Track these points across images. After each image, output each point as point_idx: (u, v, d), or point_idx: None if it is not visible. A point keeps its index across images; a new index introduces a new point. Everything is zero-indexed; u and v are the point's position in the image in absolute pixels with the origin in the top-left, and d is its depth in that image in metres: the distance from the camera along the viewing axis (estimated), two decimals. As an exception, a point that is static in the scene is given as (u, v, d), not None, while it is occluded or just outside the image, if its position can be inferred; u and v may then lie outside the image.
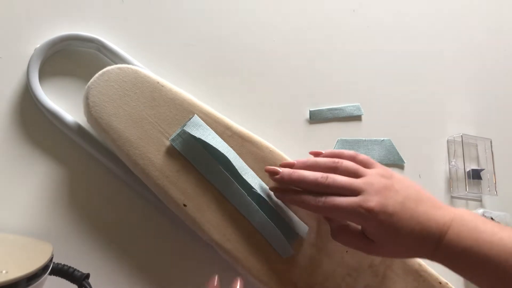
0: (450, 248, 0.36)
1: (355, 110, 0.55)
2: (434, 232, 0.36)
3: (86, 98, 0.39)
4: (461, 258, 0.36)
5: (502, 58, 0.68)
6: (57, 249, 0.35)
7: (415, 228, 0.36)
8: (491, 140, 0.61)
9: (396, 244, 0.37)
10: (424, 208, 0.37)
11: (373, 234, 0.37)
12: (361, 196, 0.36)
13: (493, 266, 0.35)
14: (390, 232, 0.36)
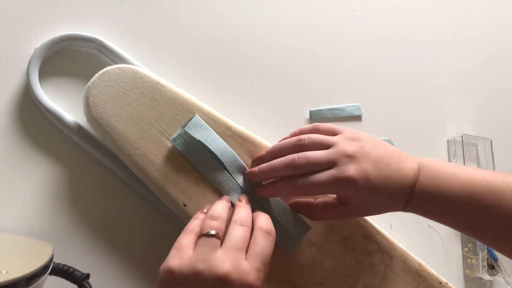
0: (421, 197, 0.37)
1: (355, 110, 0.55)
2: (405, 185, 0.37)
3: (86, 98, 0.39)
4: (433, 204, 0.37)
5: (502, 58, 0.68)
6: (57, 249, 0.35)
7: (389, 186, 0.37)
8: (491, 140, 0.61)
9: (371, 204, 0.38)
10: (395, 163, 0.38)
11: (352, 199, 0.38)
12: (337, 167, 0.37)
13: (462, 203, 0.36)
14: (369, 195, 0.37)
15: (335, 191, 0.38)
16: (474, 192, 0.36)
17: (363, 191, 0.37)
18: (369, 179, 0.36)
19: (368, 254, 0.44)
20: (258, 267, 0.32)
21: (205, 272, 0.30)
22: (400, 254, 0.44)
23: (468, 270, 0.54)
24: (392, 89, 0.59)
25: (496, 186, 0.36)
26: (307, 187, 0.37)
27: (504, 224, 0.35)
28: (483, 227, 0.37)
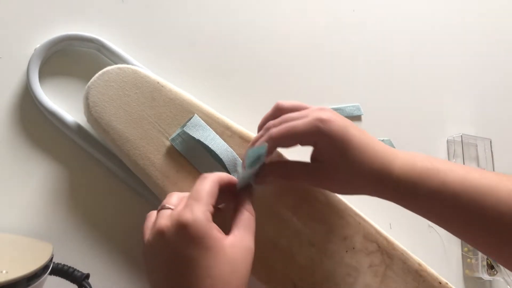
0: (401, 182, 0.35)
1: (355, 110, 0.55)
2: (392, 167, 0.35)
3: (86, 98, 0.39)
4: (412, 194, 0.35)
5: (502, 58, 0.68)
6: (57, 249, 0.35)
7: (369, 150, 0.35)
8: (491, 140, 0.61)
9: (343, 164, 0.35)
10: (373, 139, 0.37)
11: (324, 149, 0.36)
12: (311, 115, 0.36)
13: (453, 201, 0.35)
14: (342, 143, 0.35)
15: (310, 136, 0.35)
16: (461, 190, 0.34)
17: (340, 138, 0.35)
18: (346, 126, 0.35)
19: (368, 254, 0.44)
20: (189, 203, 0.31)
21: (152, 240, 0.31)
22: (400, 254, 0.44)
23: (467, 270, 0.54)
24: (392, 89, 0.59)
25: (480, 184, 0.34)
26: (282, 133, 0.36)
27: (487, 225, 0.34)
28: (467, 227, 0.35)
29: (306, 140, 0.36)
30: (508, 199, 0.32)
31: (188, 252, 0.30)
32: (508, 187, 0.33)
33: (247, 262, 0.33)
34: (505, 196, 0.32)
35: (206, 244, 0.30)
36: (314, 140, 0.36)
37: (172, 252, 0.30)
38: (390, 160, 0.36)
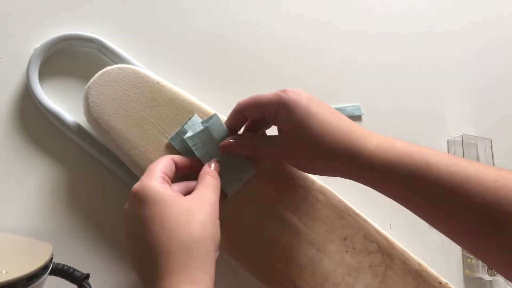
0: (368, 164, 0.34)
1: (355, 110, 0.55)
2: (365, 147, 0.34)
3: (86, 98, 0.39)
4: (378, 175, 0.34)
5: (502, 58, 0.68)
6: (57, 249, 0.35)
7: (333, 127, 0.34)
8: (491, 140, 0.61)
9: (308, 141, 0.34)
10: (349, 123, 0.36)
11: (285, 120, 0.35)
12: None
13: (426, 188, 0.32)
14: (303, 116, 0.34)
15: (270, 105, 0.35)
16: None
17: (297, 111, 0.34)
18: (309, 99, 0.35)
19: (368, 254, 0.44)
20: (141, 177, 0.34)
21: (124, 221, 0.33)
22: (400, 254, 0.44)
23: (468, 270, 0.54)
24: (392, 89, 0.59)
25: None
26: (247, 101, 0.37)
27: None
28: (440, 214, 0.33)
29: (268, 109, 0.36)
30: (494, 187, 0.30)
31: (142, 212, 0.31)
32: (496, 175, 0.31)
33: (207, 212, 0.32)
34: (491, 184, 0.30)
35: (156, 200, 0.31)
36: (275, 109, 0.36)
37: (131, 220, 0.32)
38: (362, 139, 0.35)
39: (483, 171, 0.31)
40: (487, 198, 0.30)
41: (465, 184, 0.30)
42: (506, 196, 0.29)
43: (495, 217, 0.29)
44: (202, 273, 0.30)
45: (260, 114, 0.37)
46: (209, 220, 0.32)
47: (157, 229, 0.30)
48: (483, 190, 0.30)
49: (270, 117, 0.36)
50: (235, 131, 0.40)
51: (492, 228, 0.30)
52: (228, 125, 0.40)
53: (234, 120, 0.39)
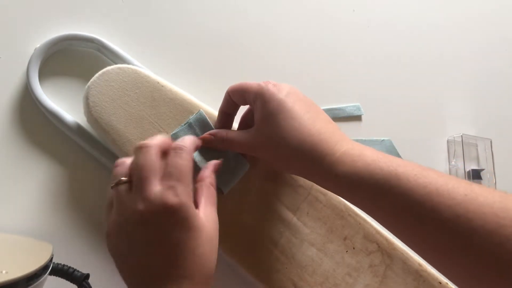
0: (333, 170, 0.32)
1: (355, 110, 0.55)
2: (332, 151, 0.33)
3: (86, 98, 0.39)
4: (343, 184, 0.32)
5: (502, 58, 0.68)
6: (57, 249, 0.35)
7: (303, 124, 0.33)
8: (491, 140, 0.61)
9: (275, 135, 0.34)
10: (325, 122, 0.35)
11: (258, 110, 0.34)
12: None
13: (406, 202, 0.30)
14: (275, 109, 0.33)
15: (251, 93, 0.36)
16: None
17: (270, 103, 0.34)
18: (288, 95, 0.34)
19: (368, 254, 0.44)
20: (172, 184, 0.29)
21: (124, 222, 0.30)
22: (400, 254, 0.44)
23: (468, 270, 0.54)
24: (392, 89, 0.59)
25: None
26: (235, 86, 0.38)
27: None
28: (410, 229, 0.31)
29: (249, 97, 0.36)
30: (464, 201, 0.28)
31: (175, 235, 0.29)
32: (466, 189, 0.29)
33: (217, 236, 0.32)
34: (461, 198, 0.28)
35: (191, 225, 0.30)
36: (254, 98, 0.35)
37: (156, 235, 0.29)
38: (331, 143, 0.33)
39: (453, 185, 0.29)
40: (456, 212, 0.28)
41: (434, 197, 0.29)
42: (475, 211, 0.28)
43: (463, 232, 0.28)
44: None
45: (243, 100, 0.37)
46: (217, 245, 0.32)
47: (187, 255, 0.29)
48: (452, 204, 0.28)
49: (251, 105, 0.37)
50: (228, 117, 0.40)
51: (461, 243, 0.28)
52: (221, 109, 0.40)
53: (225, 104, 0.39)
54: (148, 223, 0.29)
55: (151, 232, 0.29)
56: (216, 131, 0.39)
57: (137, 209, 0.29)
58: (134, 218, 0.29)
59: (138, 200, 0.29)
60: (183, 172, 0.30)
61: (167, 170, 0.30)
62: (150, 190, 0.29)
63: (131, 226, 0.29)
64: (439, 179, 0.30)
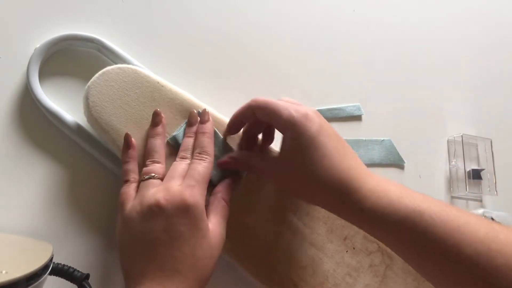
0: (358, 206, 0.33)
1: (355, 110, 0.55)
2: (360, 186, 0.34)
3: (86, 98, 0.39)
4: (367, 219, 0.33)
5: (502, 58, 0.68)
6: (57, 249, 0.35)
7: (334, 158, 0.34)
8: (491, 140, 0.61)
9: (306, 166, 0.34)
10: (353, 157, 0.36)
11: (290, 140, 0.35)
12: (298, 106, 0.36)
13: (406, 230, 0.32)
14: (308, 141, 0.34)
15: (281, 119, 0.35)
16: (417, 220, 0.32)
17: (303, 134, 0.34)
18: (321, 127, 0.34)
19: (368, 254, 0.44)
20: (191, 184, 0.34)
21: (143, 207, 0.33)
22: (400, 254, 0.44)
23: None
24: (392, 89, 0.59)
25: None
26: (261, 103, 0.36)
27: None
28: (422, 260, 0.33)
29: (279, 123, 0.36)
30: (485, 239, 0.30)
31: (182, 228, 0.32)
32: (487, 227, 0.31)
33: (220, 250, 0.35)
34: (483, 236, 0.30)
35: (197, 226, 0.33)
36: (284, 126, 0.35)
37: (167, 225, 0.32)
38: (359, 180, 0.34)
39: (474, 222, 0.31)
40: (478, 249, 0.29)
41: (456, 234, 0.30)
42: (497, 249, 0.29)
43: (485, 269, 0.29)
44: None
45: (269, 121, 0.37)
46: (217, 260, 0.34)
47: (186, 251, 0.32)
48: (474, 241, 0.30)
49: (278, 129, 0.37)
50: (239, 123, 0.40)
51: (482, 280, 0.29)
52: (236, 116, 0.40)
53: (244, 114, 0.39)
54: (161, 210, 0.32)
55: (161, 219, 0.32)
56: (238, 155, 0.39)
57: (156, 196, 0.33)
58: (151, 203, 0.33)
59: (161, 190, 0.34)
60: (202, 177, 0.35)
61: (189, 172, 0.35)
62: (174, 185, 0.34)
63: (146, 208, 0.33)
64: (461, 216, 0.32)
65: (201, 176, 0.35)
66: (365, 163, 0.37)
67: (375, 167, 0.54)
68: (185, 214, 0.32)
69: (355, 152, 0.37)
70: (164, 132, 0.39)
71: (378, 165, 0.54)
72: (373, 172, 0.36)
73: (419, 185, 0.57)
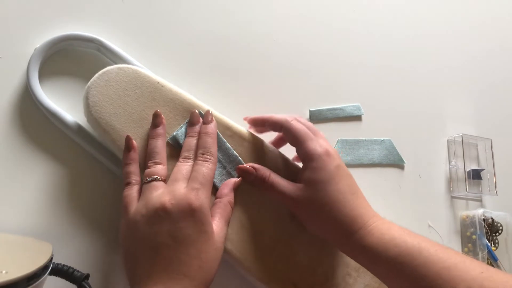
0: (362, 241, 0.36)
1: (355, 110, 0.55)
2: (355, 219, 0.37)
3: (86, 98, 0.39)
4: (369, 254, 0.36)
5: (502, 58, 0.68)
6: (57, 249, 0.35)
7: (347, 201, 0.37)
8: (491, 140, 0.61)
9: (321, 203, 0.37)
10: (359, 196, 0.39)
11: (310, 175, 0.38)
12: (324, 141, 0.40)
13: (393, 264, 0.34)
14: (328, 181, 0.37)
15: (306, 152, 0.38)
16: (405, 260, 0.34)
17: (322, 174, 0.37)
18: (338, 168, 0.38)
19: (368, 254, 0.44)
20: (196, 187, 0.34)
21: (148, 211, 0.33)
22: (400, 254, 0.44)
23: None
24: (392, 89, 0.59)
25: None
26: (298, 127, 0.39)
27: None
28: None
29: (303, 150, 0.39)
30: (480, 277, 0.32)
31: (188, 231, 0.33)
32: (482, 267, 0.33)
33: (222, 250, 0.35)
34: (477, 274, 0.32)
35: (203, 229, 0.33)
36: (306, 155, 0.38)
37: (173, 228, 0.32)
38: (366, 217, 0.37)
39: (470, 262, 0.33)
40: (471, 286, 0.31)
41: (452, 271, 0.32)
42: (490, 287, 0.31)
43: None
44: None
45: (294, 146, 0.40)
46: (220, 262, 0.35)
47: (192, 254, 0.32)
48: (469, 278, 0.32)
49: (300, 155, 0.40)
50: (261, 125, 0.43)
51: None
52: (267, 119, 0.42)
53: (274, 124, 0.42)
54: (167, 214, 0.33)
55: (167, 223, 0.33)
56: (259, 167, 0.41)
57: (161, 200, 0.33)
58: (156, 206, 0.33)
59: (166, 193, 0.34)
60: (206, 179, 0.35)
61: (192, 174, 0.36)
62: (179, 188, 0.34)
63: (152, 212, 0.33)
64: (457, 256, 0.34)
65: (206, 178, 0.35)
66: (365, 163, 0.38)
67: (375, 167, 0.54)
68: (191, 217, 0.33)
69: (361, 191, 0.40)
70: (164, 133, 0.39)
71: (378, 165, 0.54)
72: (372, 172, 0.38)
73: (419, 185, 0.57)
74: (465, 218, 0.57)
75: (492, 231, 0.58)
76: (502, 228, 0.58)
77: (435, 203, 0.58)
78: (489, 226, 0.58)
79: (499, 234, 0.58)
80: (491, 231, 0.58)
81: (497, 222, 0.58)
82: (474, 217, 0.56)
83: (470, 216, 0.57)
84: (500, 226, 0.58)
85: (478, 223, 0.56)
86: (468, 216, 0.57)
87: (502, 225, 0.58)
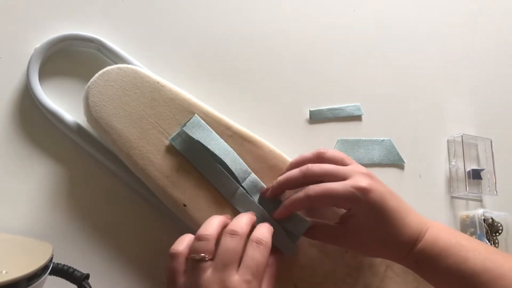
0: (423, 254, 0.37)
1: (355, 110, 0.55)
2: (412, 235, 0.37)
3: (86, 98, 0.39)
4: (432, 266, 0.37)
5: (502, 58, 0.68)
6: (57, 249, 0.35)
7: (401, 223, 0.37)
8: (491, 140, 0.61)
9: (373, 230, 0.37)
10: (407, 210, 0.38)
11: (356, 217, 0.37)
12: (351, 179, 0.37)
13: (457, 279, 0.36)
14: (378, 214, 0.36)
15: (346, 202, 0.37)
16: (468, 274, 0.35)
17: (375, 209, 0.36)
18: (382, 196, 0.36)
19: (368, 254, 0.44)
20: (248, 279, 0.32)
21: (195, 286, 0.32)
22: (400, 254, 0.44)
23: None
24: (392, 89, 0.59)
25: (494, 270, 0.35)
26: (320, 193, 0.37)
27: None
28: None
29: (342, 205, 0.38)
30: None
31: None
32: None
33: None
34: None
35: None
36: (350, 207, 0.37)
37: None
38: (417, 233, 0.37)
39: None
40: None
41: (498, 281, 0.33)
42: None
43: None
44: None
45: (330, 205, 0.40)
46: None
47: None
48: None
49: (340, 207, 0.40)
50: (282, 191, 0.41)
51: None
52: (291, 204, 0.39)
53: (300, 205, 0.39)
54: None
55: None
56: (324, 224, 0.41)
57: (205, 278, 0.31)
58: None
59: (216, 281, 0.31)
60: (259, 268, 0.33)
61: (246, 261, 0.33)
62: (229, 277, 0.32)
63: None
64: (504, 264, 0.35)
65: (259, 268, 0.33)
66: (365, 163, 0.38)
67: (375, 167, 0.54)
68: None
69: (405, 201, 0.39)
70: (226, 219, 0.37)
71: (378, 165, 0.54)
72: (372, 172, 0.39)
73: (419, 185, 0.57)
74: (465, 218, 0.58)
75: (492, 231, 0.58)
76: (502, 228, 0.58)
77: (435, 203, 0.58)
78: (489, 226, 0.58)
79: (499, 234, 0.58)
80: (491, 231, 0.58)
81: (497, 222, 0.58)
82: (474, 217, 0.56)
83: (470, 216, 0.57)
84: (500, 226, 0.58)
85: (478, 223, 0.56)
86: (468, 216, 0.57)
87: (502, 225, 0.58)
